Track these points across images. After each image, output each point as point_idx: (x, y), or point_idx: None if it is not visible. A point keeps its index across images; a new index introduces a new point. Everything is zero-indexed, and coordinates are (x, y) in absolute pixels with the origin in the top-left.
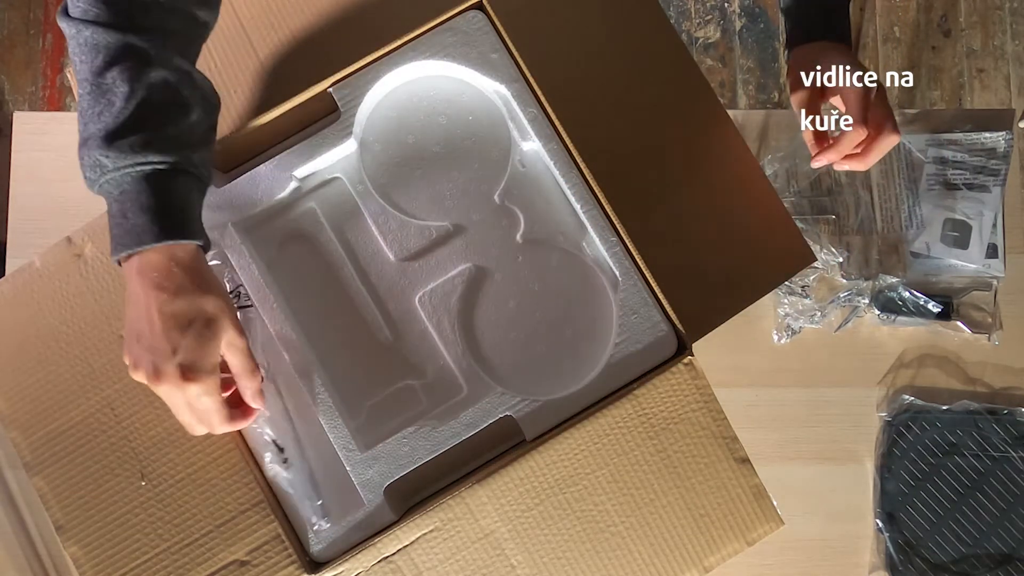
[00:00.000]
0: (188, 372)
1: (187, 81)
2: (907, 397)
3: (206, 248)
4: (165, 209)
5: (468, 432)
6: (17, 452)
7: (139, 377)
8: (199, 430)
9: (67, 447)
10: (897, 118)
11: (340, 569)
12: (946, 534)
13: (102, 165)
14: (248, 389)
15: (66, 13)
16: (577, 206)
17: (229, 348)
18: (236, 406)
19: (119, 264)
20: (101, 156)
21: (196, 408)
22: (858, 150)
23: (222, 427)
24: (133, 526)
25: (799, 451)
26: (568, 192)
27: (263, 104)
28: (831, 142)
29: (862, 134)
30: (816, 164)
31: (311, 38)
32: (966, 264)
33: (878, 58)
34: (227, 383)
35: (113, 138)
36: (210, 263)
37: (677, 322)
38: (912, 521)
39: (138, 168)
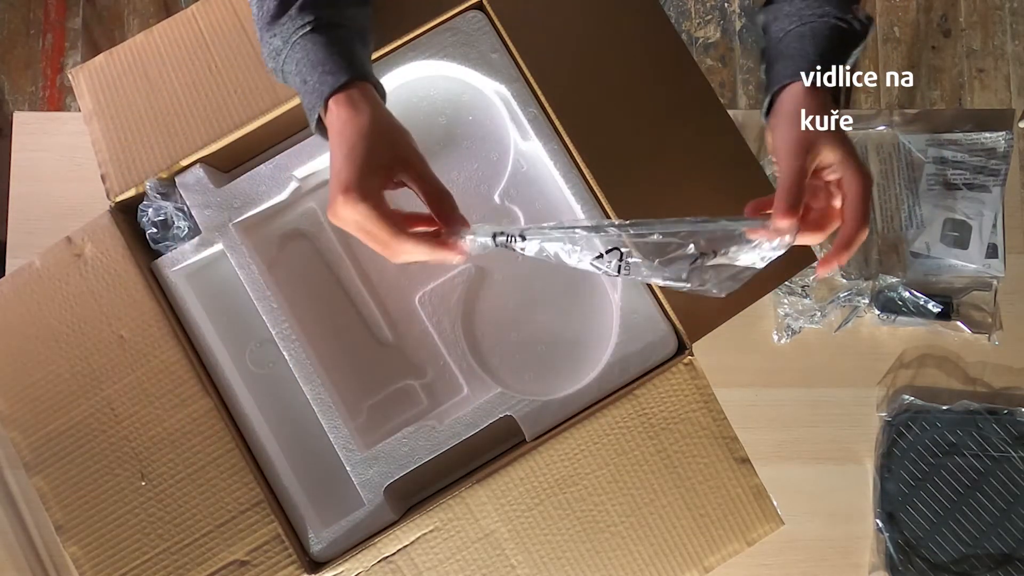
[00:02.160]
0: (346, 191)
1: None
2: (907, 397)
3: (380, 92)
4: (332, 58)
5: (468, 432)
6: (17, 452)
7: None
8: (395, 258)
9: (67, 447)
10: (897, 118)
11: (340, 569)
12: (946, 534)
13: (276, 48)
14: (437, 210)
15: None
16: (577, 206)
17: (405, 175)
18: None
19: (326, 137)
20: (272, 39)
21: (368, 232)
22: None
23: (403, 248)
24: (133, 526)
25: (799, 451)
26: (568, 192)
27: (264, 104)
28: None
29: (861, 232)
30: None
31: None
32: (966, 264)
33: (878, 58)
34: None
35: (277, 16)
36: (210, 256)
37: (677, 322)
38: (912, 521)
39: (300, 31)
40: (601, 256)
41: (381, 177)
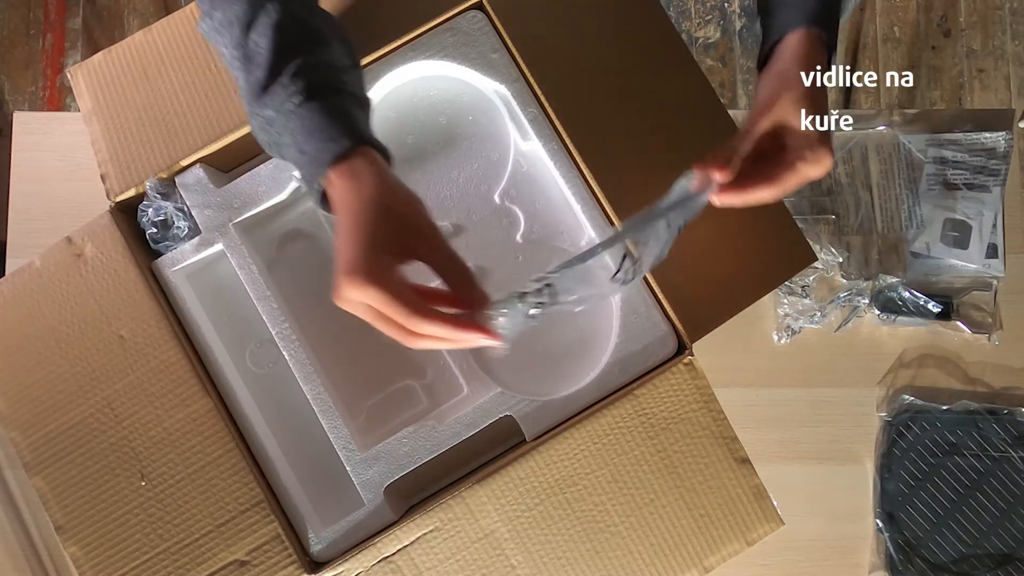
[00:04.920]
0: (351, 273)
1: (316, 15)
2: (907, 397)
3: (387, 156)
4: (332, 124)
5: (468, 432)
6: (17, 452)
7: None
8: (413, 342)
9: (67, 447)
10: (897, 118)
11: (340, 569)
12: (946, 534)
13: (268, 119)
14: (455, 284)
15: (200, 20)
16: (577, 206)
17: (418, 247)
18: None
19: (330, 211)
20: (263, 110)
21: (380, 316)
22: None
23: (422, 329)
24: (133, 526)
25: (799, 451)
26: (568, 192)
27: None
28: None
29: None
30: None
31: None
32: (966, 264)
33: (878, 58)
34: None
35: (267, 86)
36: (210, 256)
37: (677, 322)
38: (912, 521)
39: (294, 98)
40: (617, 272)
41: (391, 253)
